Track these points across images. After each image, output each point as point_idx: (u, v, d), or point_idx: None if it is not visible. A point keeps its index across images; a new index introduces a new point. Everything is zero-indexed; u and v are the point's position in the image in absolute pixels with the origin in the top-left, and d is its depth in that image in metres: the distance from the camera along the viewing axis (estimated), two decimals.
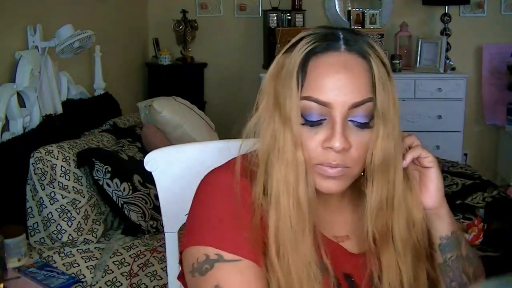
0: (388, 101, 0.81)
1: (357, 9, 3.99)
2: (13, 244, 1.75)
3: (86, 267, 1.98)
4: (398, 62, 3.84)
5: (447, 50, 3.87)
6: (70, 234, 2.02)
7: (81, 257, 2.01)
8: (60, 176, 2.03)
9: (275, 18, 3.94)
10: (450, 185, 2.65)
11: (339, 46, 0.81)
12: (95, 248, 2.05)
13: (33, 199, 2.04)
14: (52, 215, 2.01)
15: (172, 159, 1.14)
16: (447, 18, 3.89)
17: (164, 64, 3.96)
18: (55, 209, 2.01)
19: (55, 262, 1.97)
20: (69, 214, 2.02)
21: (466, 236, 2.01)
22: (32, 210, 2.05)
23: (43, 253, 2.00)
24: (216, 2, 4.21)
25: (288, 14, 3.95)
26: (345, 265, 0.87)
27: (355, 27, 3.92)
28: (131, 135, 2.59)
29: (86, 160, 2.11)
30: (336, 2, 4.15)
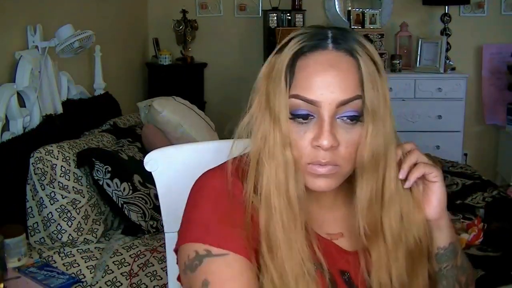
0: (378, 99, 0.81)
1: (357, 9, 3.99)
2: (13, 244, 1.75)
3: (86, 267, 1.98)
4: (398, 62, 3.84)
5: (447, 50, 3.87)
6: (70, 234, 2.02)
7: (81, 257, 2.01)
8: (60, 176, 2.03)
9: (275, 18, 3.94)
10: (450, 185, 2.65)
11: (327, 45, 0.81)
12: (95, 248, 2.05)
13: (33, 199, 2.04)
14: (52, 215, 2.01)
15: (172, 159, 1.14)
16: (447, 18, 3.89)
17: (164, 64, 3.96)
18: (55, 209, 2.01)
19: (55, 262, 1.97)
20: (69, 214, 2.02)
21: (466, 236, 2.01)
22: (32, 210, 2.05)
23: (43, 253, 2.00)
24: (216, 2, 4.21)
25: (288, 14, 3.95)
26: (340, 262, 0.88)
27: (355, 27, 3.93)
28: (131, 135, 2.59)
29: (86, 160, 2.11)
30: (336, 2, 4.15)
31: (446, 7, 3.88)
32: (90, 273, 1.97)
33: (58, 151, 2.05)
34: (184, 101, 3.02)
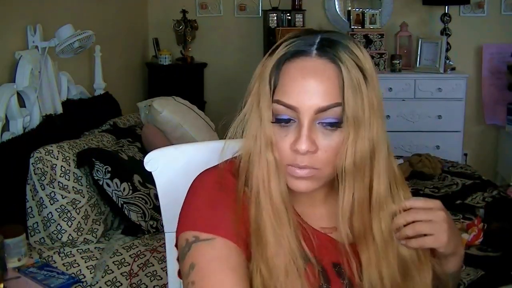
0: (362, 106, 0.81)
1: (357, 9, 3.99)
2: (13, 244, 1.74)
3: (86, 267, 1.99)
4: (398, 62, 3.84)
5: (447, 50, 3.87)
6: (70, 234, 2.02)
7: (81, 257, 2.01)
8: (60, 176, 2.03)
9: (275, 18, 3.94)
10: (450, 185, 2.65)
11: (311, 51, 0.83)
12: (95, 248, 2.05)
13: (33, 199, 2.04)
14: (52, 215, 2.01)
15: (172, 159, 1.14)
16: (447, 18, 3.89)
17: (164, 64, 3.96)
18: (55, 209, 2.01)
19: (55, 262, 1.98)
20: (69, 214, 2.02)
21: (466, 236, 2.01)
22: (32, 210, 2.05)
23: (43, 253, 2.00)
24: (216, 2, 4.21)
25: (288, 14, 3.95)
26: (334, 255, 0.89)
27: (355, 27, 3.92)
28: (131, 135, 2.59)
29: (86, 160, 2.11)
30: (336, 2, 4.15)
31: (446, 7, 3.88)
32: (90, 273, 1.98)
33: (58, 151, 2.05)
34: (184, 101, 3.02)
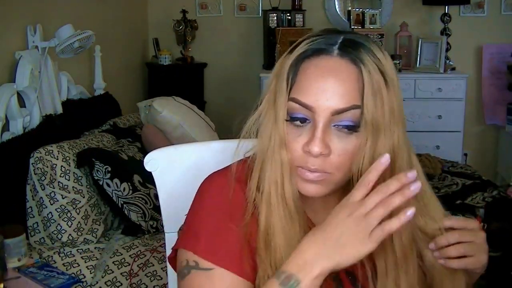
0: (382, 110, 0.79)
1: (357, 9, 3.99)
2: (13, 244, 1.74)
3: (86, 267, 1.99)
4: (398, 62, 3.83)
5: (447, 50, 3.87)
6: (70, 234, 2.02)
7: (81, 257, 2.01)
8: (60, 176, 2.03)
9: (275, 18, 3.94)
10: (450, 185, 2.65)
11: (332, 51, 0.80)
12: (95, 248, 2.05)
13: (33, 199, 2.04)
14: (52, 215, 2.01)
15: (172, 159, 1.14)
16: (447, 18, 3.89)
17: (164, 64, 3.96)
18: (55, 209, 2.01)
19: (55, 262, 1.98)
20: (69, 214, 2.02)
21: None
22: (32, 210, 2.05)
23: (43, 253, 2.00)
24: (216, 2, 4.21)
25: (288, 14, 3.94)
26: None
27: (355, 27, 3.92)
28: (131, 135, 2.59)
29: (86, 160, 2.11)
30: (336, 2, 4.15)
31: (446, 7, 3.88)
32: (90, 273, 1.98)
33: (58, 151, 2.05)
34: (184, 101, 3.02)
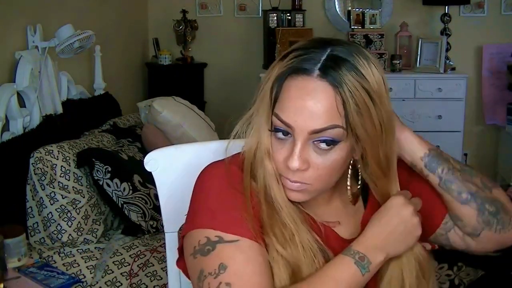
0: (371, 124, 0.82)
1: (357, 9, 3.99)
2: (13, 244, 1.75)
3: (86, 267, 1.99)
4: (398, 62, 3.83)
5: (447, 50, 3.86)
6: (70, 234, 2.02)
7: (81, 257, 2.01)
8: (60, 176, 2.03)
9: (275, 18, 3.94)
10: None
11: (313, 71, 0.81)
12: (95, 248, 2.05)
13: (33, 199, 2.04)
14: (52, 215, 2.01)
15: (172, 159, 1.14)
16: (447, 18, 3.89)
17: (164, 64, 3.96)
18: (55, 209, 2.01)
19: (55, 262, 1.98)
20: (69, 214, 2.02)
21: None
22: (32, 210, 2.05)
23: (43, 253, 2.00)
24: (216, 2, 4.21)
25: (288, 14, 3.94)
26: (338, 249, 0.89)
27: (355, 27, 3.92)
28: (131, 135, 2.60)
29: (86, 160, 2.11)
30: (336, 2, 4.15)
31: (446, 7, 3.88)
32: (90, 273, 1.98)
33: (58, 151, 2.05)
34: (184, 101, 3.02)
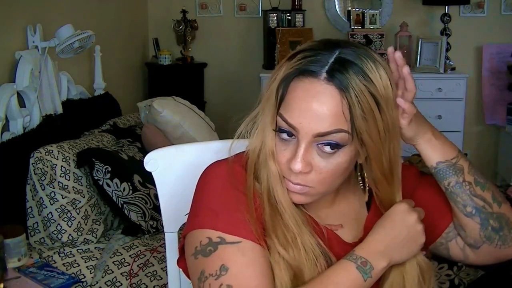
0: (376, 129, 0.81)
1: (357, 9, 3.99)
2: (13, 244, 1.75)
3: (86, 267, 1.99)
4: None
5: (447, 50, 3.87)
6: (70, 234, 2.02)
7: (81, 257, 2.01)
8: (60, 176, 2.03)
9: (275, 18, 3.94)
10: None
11: (320, 74, 0.81)
12: (95, 248, 2.05)
13: (33, 199, 2.04)
14: (52, 215, 2.01)
15: (172, 159, 1.14)
16: (447, 18, 3.89)
17: (164, 64, 3.96)
18: (55, 209, 2.01)
19: (55, 262, 1.98)
20: (69, 214, 2.02)
21: None
22: (32, 210, 2.05)
23: (43, 253, 2.00)
24: (216, 2, 4.21)
25: (288, 14, 3.94)
26: (340, 252, 0.89)
27: (355, 27, 3.92)
28: (131, 135, 2.59)
29: (86, 160, 2.11)
30: (336, 2, 4.15)
31: (446, 7, 3.88)
32: (90, 273, 1.98)
33: (58, 151, 2.05)
34: (184, 101, 3.02)
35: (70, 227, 2.02)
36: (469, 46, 4.08)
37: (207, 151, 1.12)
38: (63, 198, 2.02)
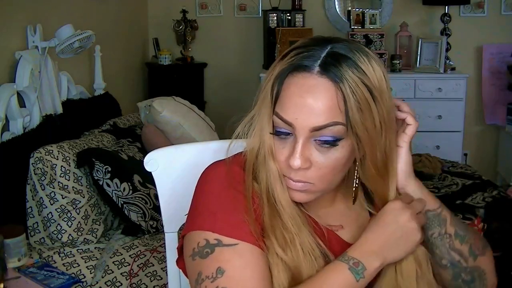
0: (372, 121, 0.82)
1: (357, 9, 3.99)
2: (13, 244, 1.75)
3: (86, 267, 1.99)
4: (398, 62, 3.83)
5: (447, 50, 3.86)
6: (70, 234, 2.02)
7: (81, 257, 2.01)
8: (60, 176, 2.03)
9: (275, 18, 3.94)
10: (450, 185, 2.65)
11: (313, 68, 0.81)
12: (95, 248, 2.05)
13: (33, 199, 2.04)
14: (52, 215, 2.01)
15: (172, 159, 1.14)
16: (447, 18, 3.89)
17: (164, 64, 3.96)
18: (55, 209, 2.01)
19: (55, 262, 1.98)
20: (69, 214, 2.02)
21: None
22: (32, 210, 2.05)
23: (43, 253, 2.00)
24: (216, 2, 4.21)
25: (288, 14, 3.94)
26: (340, 253, 0.89)
27: (355, 27, 3.92)
28: (131, 135, 2.59)
29: (86, 160, 2.11)
30: (336, 2, 4.15)
31: (446, 7, 3.88)
32: (90, 273, 1.98)
33: (58, 151, 2.05)
34: (184, 101, 3.02)
35: (70, 227, 2.02)
36: (469, 46, 4.08)
37: (207, 151, 1.12)
38: (63, 198, 2.02)
